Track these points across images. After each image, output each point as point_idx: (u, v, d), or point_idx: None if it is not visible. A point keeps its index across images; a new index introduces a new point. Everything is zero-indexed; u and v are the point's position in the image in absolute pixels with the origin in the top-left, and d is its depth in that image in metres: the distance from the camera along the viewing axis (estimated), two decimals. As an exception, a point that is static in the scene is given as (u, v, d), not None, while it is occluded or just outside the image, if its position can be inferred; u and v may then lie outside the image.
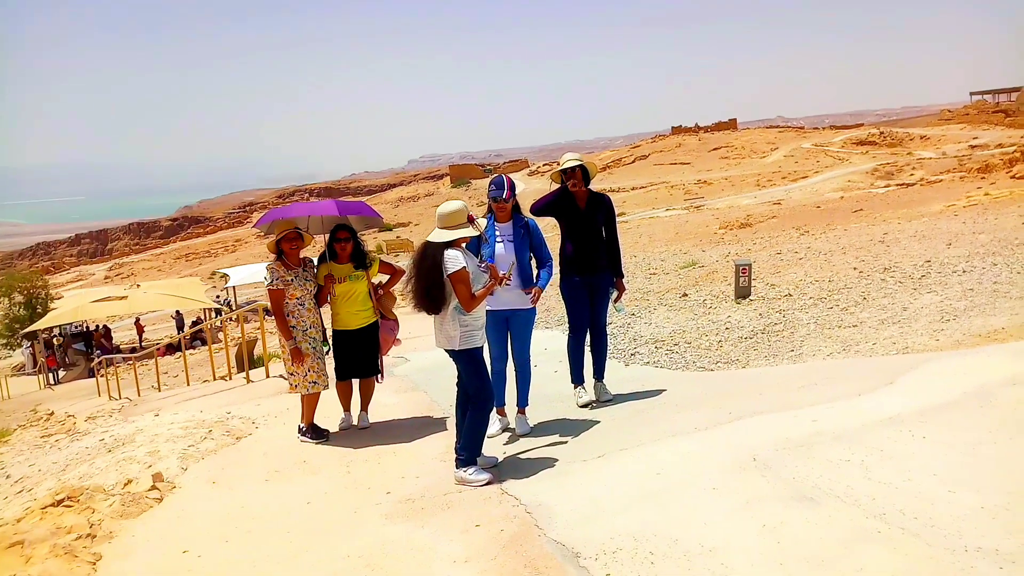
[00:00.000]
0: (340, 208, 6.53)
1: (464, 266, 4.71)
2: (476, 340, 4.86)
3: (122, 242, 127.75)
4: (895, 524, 3.32)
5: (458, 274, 4.70)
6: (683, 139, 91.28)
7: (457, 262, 4.71)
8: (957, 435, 4.18)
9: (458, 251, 4.79)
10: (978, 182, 31.59)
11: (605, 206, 6.00)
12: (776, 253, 13.71)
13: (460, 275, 4.70)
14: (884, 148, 68.37)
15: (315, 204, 6.68)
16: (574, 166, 5.84)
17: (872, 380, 5.38)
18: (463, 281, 4.70)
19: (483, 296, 4.82)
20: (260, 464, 5.83)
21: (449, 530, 4.07)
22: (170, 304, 32.38)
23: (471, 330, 4.83)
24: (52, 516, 4.99)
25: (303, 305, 6.15)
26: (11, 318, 36.93)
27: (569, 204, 5.91)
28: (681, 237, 27.27)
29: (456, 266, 4.70)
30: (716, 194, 53.82)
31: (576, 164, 5.85)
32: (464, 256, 4.79)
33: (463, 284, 4.70)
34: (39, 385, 26.30)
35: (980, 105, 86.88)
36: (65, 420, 12.01)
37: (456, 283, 4.71)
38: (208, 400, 9.64)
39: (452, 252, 4.77)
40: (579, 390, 6.15)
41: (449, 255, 4.75)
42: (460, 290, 4.72)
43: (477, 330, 4.87)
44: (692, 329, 8.62)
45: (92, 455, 7.11)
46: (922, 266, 9.78)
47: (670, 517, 3.72)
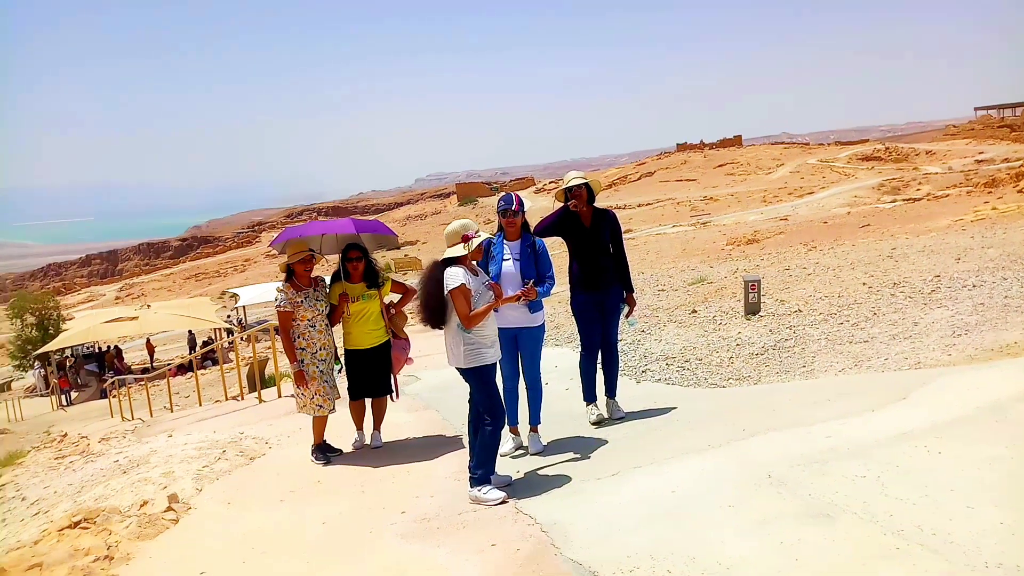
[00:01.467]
0: (357, 226, 6.53)
1: (462, 283, 4.79)
2: (484, 358, 4.87)
3: (132, 262, 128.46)
4: (913, 540, 3.32)
5: (456, 291, 4.79)
6: (688, 156, 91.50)
7: (455, 279, 4.81)
8: (973, 450, 4.18)
9: (459, 268, 4.86)
10: (985, 196, 31.52)
11: (610, 222, 6.01)
12: (784, 269, 13.70)
13: (457, 292, 4.79)
14: (890, 163, 68.41)
15: (332, 222, 6.67)
16: (578, 184, 5.87)
17: (885, 395, 5.38)
18: (460, 298, 4.78)
19: (483, 314, 4.82)
20: (274, 484, 5.85)
21: (465, 550, 4.08)
22: (181, 324, 32.49)
23: (476, 348, 4.85)
24: (69, 538, 5.02)
25: (314, 327, 6.15)
26: (23, 339, 37.16)
27: (574, 223, 5.93)
28: (688, 253, 27.26)
29: (454, 283, 4.80)
30: (722, 210, 53.85)
31: (580, 182, 5.88)
32: (466, 274, 4.84)
33: (460, 301, 4.78)
34: (52, 406, 26.40)
35: (985, 120, 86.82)
36: (79, 441, 12.04)
37: (455, 299, 4.80)
38: (221, 420, 9.66)
39: (452, 269, 4.87)
40: (591, 408, 6.16)
41: (448, 272, 4.86)
42: (458, 307, 4.80)
43: (486, 348, 4.88)
44: (703, 346, 8.62)
45: (107, 476, 7.13)
46: (932, 281, 9.77)
47: (686, 535, 3.72)
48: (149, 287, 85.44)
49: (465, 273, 4.86)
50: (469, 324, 4.81)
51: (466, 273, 4.87)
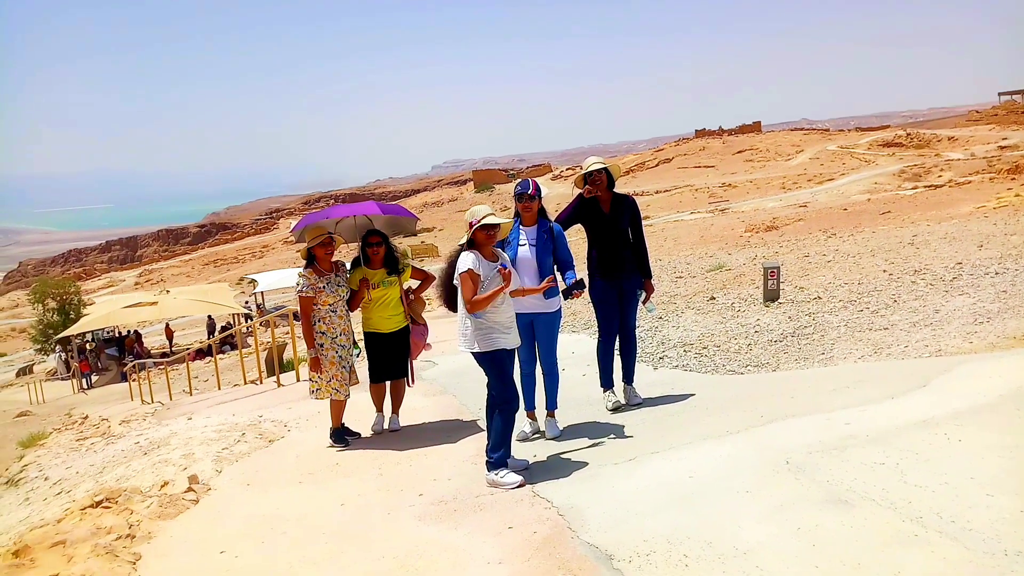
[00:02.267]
0: (383, 208, 6.60)
1: (470, 268, 4.82)
2: (496, 343, 4.88)
3: (151, 248, 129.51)
4: (932, 527, 3.30)
5: (463, 275, 4.84)
6: (707, 142, 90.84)
7: (464, 264, 4.85)
8: (994, 438, 4.14)
9: (470, 254, 4.89)
10: (1008, 183, 31.12)
11: (630, 208, 5.98)
12: (804, 256, 13.61)
13: (465, 276, 4.83)
14: (911, 150, 67.60)
15: (356, 205, 6.69)
16: (597, 169, 5.84)
17: (905, 383, 5.34)
18: (466, 282, 4.82)
19: (485, 300, 4.80)
20: (293, 467, 5.91)
21: (482, 532, 4.10)
22: (200, 309, 32.80)
23: (486, 332, 4.86)
24: (92, 517, 5.09)
25: (335, 312, 6.17)
26: (45, 324, 37.61)
27: (593, 209, 5.90)
28: (707, 240, 27.13)
29: (462, 267, 4.85)
30: (741, 197, 53.48)
31: (599, 167, 5.85)
32: (476, 260, 4.86)
33: (466, 285, 4.82)
34: (72, 390, 26.75)
35: (1009, 106, 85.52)
36: (100, 424, 12.21)
37: (462, 284, 4.85)
38: (240, 404, 9.76)
39: (464, 254, 4.91)
40: (608, 394, 6.16)
41: (461, 257, 4.91)
42: (463, 291, 4.85)
43: (498, 334, 4.88)
44: (721, 332, 8.59)
45: (128, 458, 7.24)
46: (953, 268, 9.67)
47: (703, 520, 3.72)
48: (168, 273, 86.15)
49: (476, 259, 4.87)
50: (471, 309, 4.84)
51: (477, 259, 4.87)
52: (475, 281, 4.82)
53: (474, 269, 4.83)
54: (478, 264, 4.86)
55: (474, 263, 4.85)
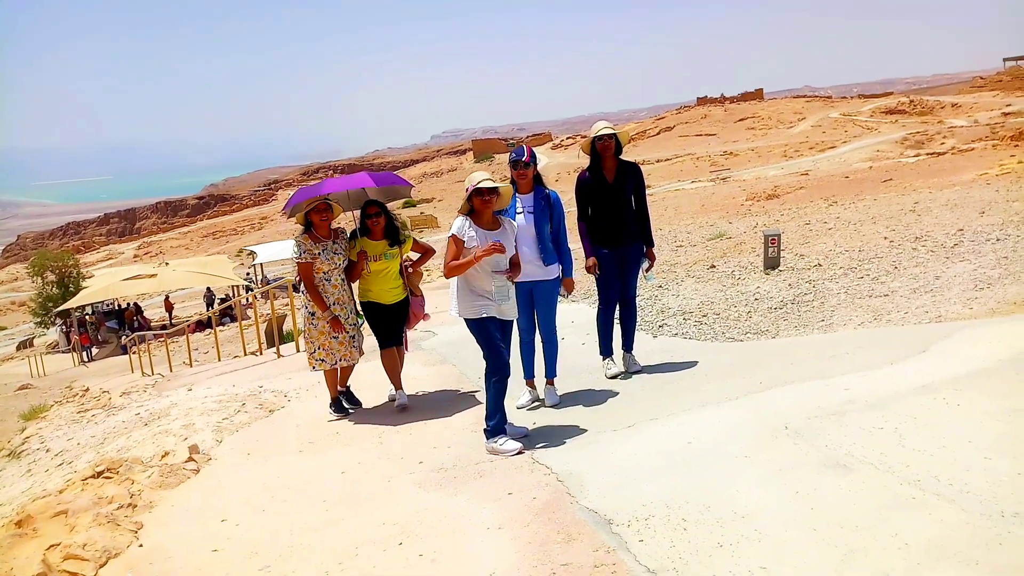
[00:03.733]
0: (375, 179, 6.50)
1: (454, 233, 4.87)
2: (482, 310, 4.86)
3: (150, 221, 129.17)
4: (930, 491, 3.31)
5: (449, 239, 4.91)
6: (708, 110, 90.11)
7: (453, 228, 4.92)
8: (992, 402, 4.14)
9: (461, 218, 4.92)
10: (1012, 150, 30.92)
11: (634, 176, 5.91)
12: (804, 223, 13.55)
13: (449, 240, 4.90)
14: (914, 117, 67.07)
15: (347, 178, 6.57)
16: (608, 134, 5.75)
17: (905, 348, 5.33)
18: (449, 247, 4.87)
19: (458, 267, 4.81)
20: (293, 436, 5.92)
21: (482, 498, 4.12)
22: (199, 282, 32.79)
23: (472, 299, 4.88)
24: (93, 487, 5.12)
25: (329, 280, 6.07)
26: (44, 297, 37.68)
27: (597, 177, 5.84)
28: (707, 209, 27.04)
29: (451, 231, 4.91)
30: (742, 165, 53.17)
31: (608, 132, 5.76)
32: (463, 226, 4.88)
33: (449, 250, 4.87)
34: (73, 362, 26.84)
35: (1014, 71, 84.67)
36: (100, 396, 12.25)
37: (447, 248, 4.90)
38: (240, 375, 9.78)
39: (457, 219, 4.95)
40: (608, 362, 6.16)
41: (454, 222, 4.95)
42: (446, 255, 4.91)
43: (484, 301, 4.87)
44: (720, 300, 8.57)
45: (129, 429, 7.26)
46: (954, 235, 9.62)
47: (702, 485, 3.73)
48: (167, 245, 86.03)
49: (464, 224, 4.88)
50: (446, 274, 4.92)
51: (465, 224, 4.88)
52: (458, 246, 4.84)
53: (458, 234, 4.85)
54: (464, 229, 4.86)
55: (459, 228, 4.87)
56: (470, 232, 4.86)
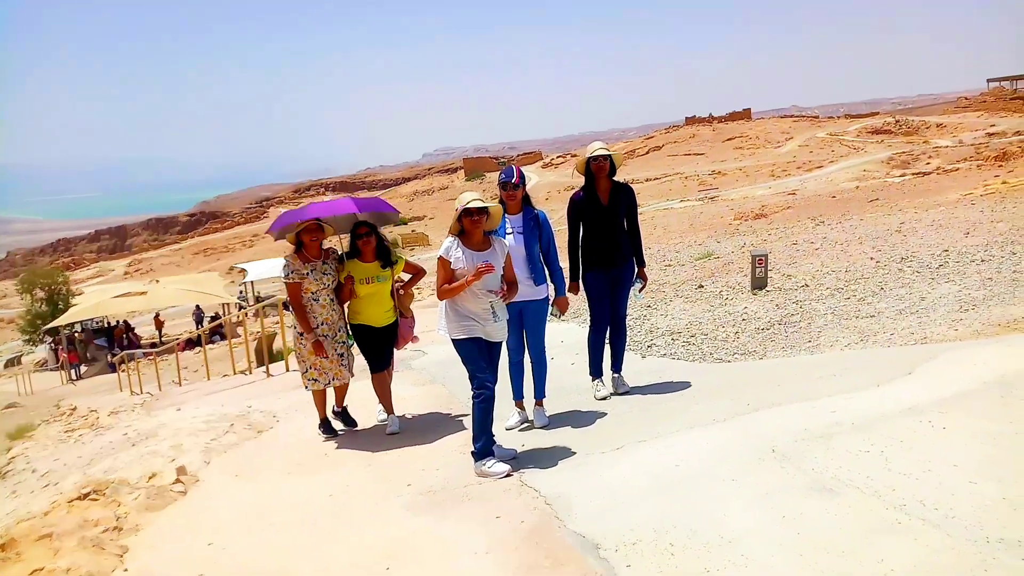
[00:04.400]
0: (358, 204, 6.35)
1: (440, 255, 4.90)
2: (468, 331, 4.87)
3: (141, 238, 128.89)
4: (916, 515, 3.33)
5: (438, 261, 4.91)
6: (697, 130, 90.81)
7: (440, 250, 4.94)
8: (977, 425, 4.17)
9: (450, 239, 4.93)
10: (996, 170, 31.27)
11: (627, 197, 5.94)
12: (792, 243, 13.65)
13: (438, 262, 4.91)
14: (900, 137, 67.76)
15: (331, 203, 6.48)
16: (602, 155, 5.77)
17: (891, 370, 5.37)
18: (439, 269, 4.88)
19: (452, 291, 4.82)
20: (282, 457, 5.90)
21: (470, 522, 4.11)
22: (189, 299, 32.65)
23: (458, 320, 4.89)
24: (79, 509, 5.08)
25: (316, 300, 5.99)
26: (33, 314, 37.44)
27: (591, 198, 5.86)
28: (696, 228, 27.17)
29: (439, 252, 4.93)
30: (730, 185, 53.54)
31: (603, 153, 5.78)
32: (452, 247, 4.89)
33: (438, 272, 4.89)
34: (61, 381, 26.62)
35: (997, 92, 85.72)
36: (88, 415, 12.16)
37: (437, 269, 4.91)
38: (229, 394, 9.74)
39: (446, 240, 4.96)
40: (597, 383, 6.17)
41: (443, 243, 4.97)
42: (437, 277, 4.92)
43: (472, 321, 4.87)
44: (709, 320, 8.62)
45: (116, 449, 7.21)
46: (940, 255, 9.72)
47: (689, 508, 3.74)
48: (158, 262, 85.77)
49: (452, 245, 4.90)
50: (438, 296, 4.94)
51: (453, 245, 4.89)
52: (445, 268, 4.86)
53: (444, 256, 4.87)
54: (451, 250, 4.88)
55: (446, 249, 4.89)
56: (457, 253, 4.87)
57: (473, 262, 4.82)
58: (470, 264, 4.81)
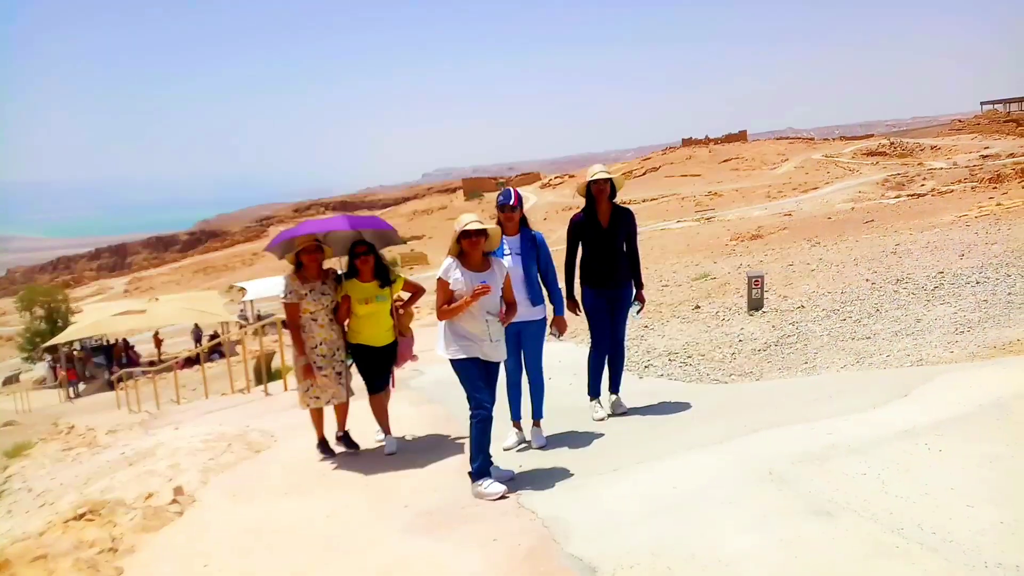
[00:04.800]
0: (351, 222, 6.26)
1: (439, 276, 4.93)
2: (467, 351, 4.88)
3: (141, 256, 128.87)
4: (913, 539, 3.33)
5: (437, 281, 4.94)
6: (693, 151, 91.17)
7: (440, 270, 4.97)
8: (974, 448, 4.19)
9: (449, 260, 4.96)
10: (990, 192, 31.39)
11: (627, 221, 5.99)
12: (788, 265, 13.69)
13: (437, 283, 4.94)
14: (894, 159, 68.04)
15: (326, 221, 6.46)
16: (604, 179, 5.82)
17: (887, 392, 5.38)
18: (438, 289, 4.91)
19: (451, 311, 4.84)
20: (279, 477, 5.89)
21: (467, 544, 4.10)
22: (189, 317, 32.61)
23: (455, 340, 4.90)
24: (74, 530, 5.06)
25: (315, 320, 5.98)
26: (32, 332, 37.35)
27: (591, 221, 5.91)
28: (692, 249, 27.24)
29: (438, 273, 4.95)
30: (727, 206, 53.69)
31: (604, 177, 5.83)
32: (450, 267, 4.92)
33: (438, 292, 4.92)
34: (59, 398, 26.54)
35: (991, 115, 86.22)
36: (86, 433, 12.12)
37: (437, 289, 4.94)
38: (227, 413, 9.72)
39: (445, 261, 4.99)
40: (595, 404, 6.18)
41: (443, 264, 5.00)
42: (436, 297, 4.95)
43: (469, 342, 4.89)
44: (705, 341, 8.63)
45: (113, 469, 7.18)
46: (935, 277, 9.75)
47: (687, 531, 3.74)
48: (157, 280, 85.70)
49: (451, 266, 4.93)
50: (438, 316, 4.96)
51: (452, 266, 4.93)
52: (444, 288, 4.89)
53: (443, 276, 4.91)
54: (450, 271, 4.91)
55: (445, 270, 4.93)
56: (456, 274, 4.90)
57: (472, 283, 4.84)
58: (469, 285, 4.84)
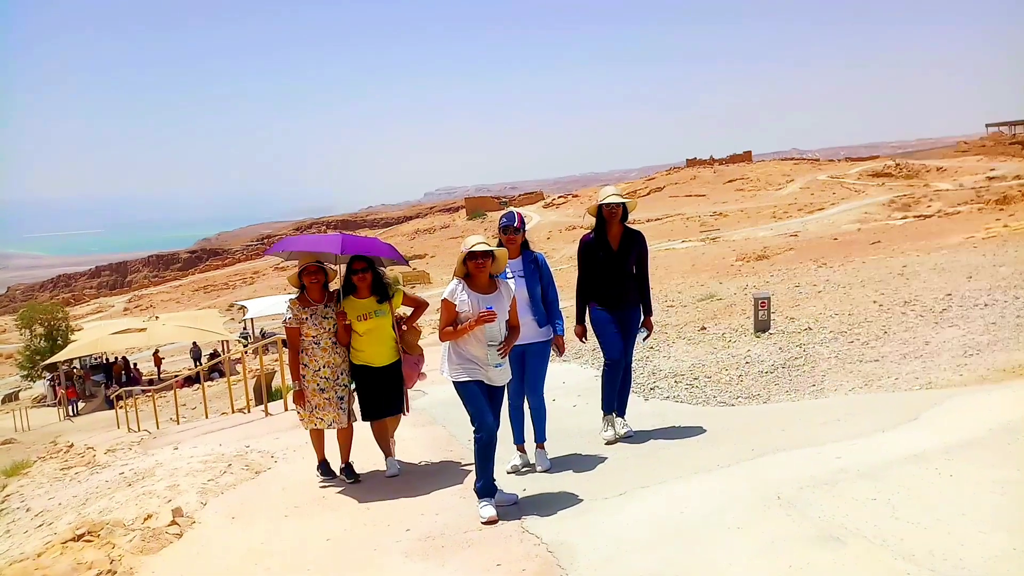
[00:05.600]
0: (344, 245, 5.99)
1: (445, 297, 4.90)
2: (470, 374, 4.83)
3: (141, 274, 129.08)
4: (925, 566, 3.26)
5: (442, 302, 4.91)
6: (698, 171, 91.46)
7: (446, 292, 4.93)
8: (985, 473, 4.12)
9: (455, 281, 4.92)
10: (997, 214, 31.40)
11: (638, 245, 5.93)
12: (795, 286, 13.63)
13: (442, 304, 4.91)
14: (900, 180, 68.17)
15: (321, 238, 6.33)
16: (616, 203, 5.75)
17: (896, 416, 5.32)
18: (442, 310, 4.90)
19: (454, 334, 4.80)
20: (279, 499, 5.82)
21: (470, 569, 4.04)
22: (189, 336, 32.59)
23: (459, 362, 4.86)
24: (72, 551, 5.00)
25: (318, 344, 5.87)
26: (32, 350, 37.33)
27: (601, 244, 5.84)
28: (698, 269, 27.19)
29: (444, 294, 4.93)
30: (732, 226, 53.73)
31: (617, 201, 5.75)
32: (456, 289, 4.87)
33: (442, 313, 4.90)
34: (58, 417, 26.46)
35: (996, 137, 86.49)
36: (85, 452, 12.05)
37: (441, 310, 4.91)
38: (227, 433, 9.65)
39: (451, 282, 4.96)
40: (607, 423, 6.01)
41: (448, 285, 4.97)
42: (440, 318, 4.93)
43: (473, 365, 4.83)
44: (712, 363, 8.57)
45: (112, 489, 7.13)
46: (943, 299, 9.70)
47: (694, 557, 3.67)
48: (158, 299, 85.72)
49: (456, 288, 4.88)
50: (440, 338, 4.93)
51: (458, 288, 4.88)
52: (449, 310, 4.86)
53: (449, 298, 4.87)
54: (456, 293, 4.87)
55: (451, 292, 4.88)
56: (462, 296, 4.86)
57: (478, 305, 4.80)
58: (475, 307, 4.80)
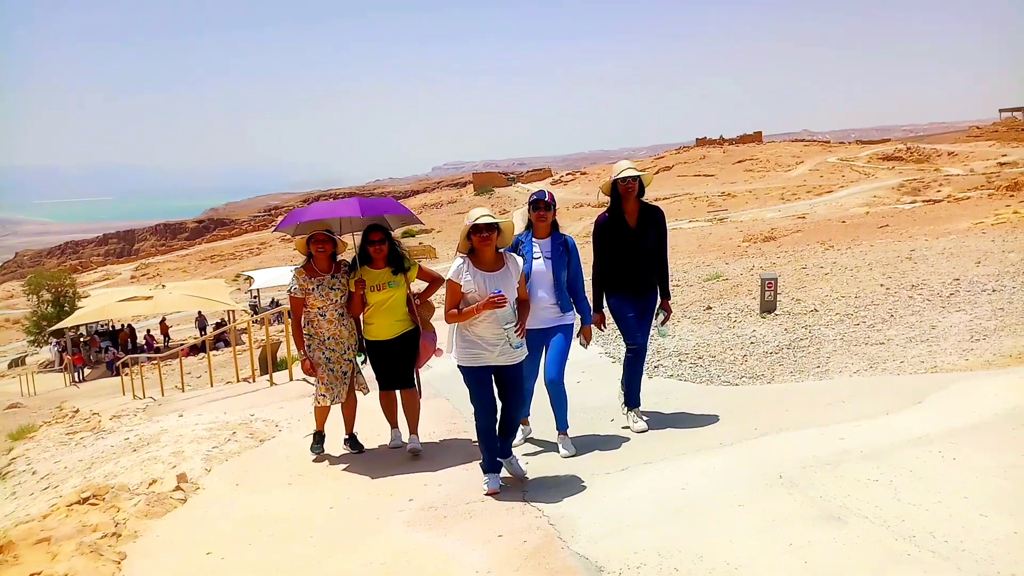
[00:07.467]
0: (362, 207, 5.82)
1: (449, 278, 4.67)
2: (477, 359, 4.65)
3: (148, 243, 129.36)
4: (926, 547, 3.27)
5: (447, 283, 4.72)
6: (707, 151, 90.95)
7: (450, 271, 4.69)
8: (989, 457, 4.12)
9: (459, 259, 4.68)
10: (1007, 200, 31.21)
11: (656, 221, 5.56)
12: (801, 267, 13.58)
13: (448, 284, 4.69)
14: (911, 164, 67.70)
15: (336, 204, 6.12)
16: (632, 176, 5.40)
17: (900, 399, 5.32)
18: (448, 291, 4.69)
19: (459, 317, 4.59)
20: (283, 467, 5.85)
21: (471, 539, 4.06)
22: (195, 305, 32.74)
23: (465, 345, 4.67)
24: (78, 514, 5.04)
25: (324, 315, 5.74)
26: (39, 316, 37.57)
27: (617, 221, 5.50)
28: (704, 249, 27.13)
29: (448, 274, 4.72)
30: (740, 207, 53.52)
31: (632, 175, 5.40)
32: (461, 267, 4.64)
33: (447, 294, 4.69)
34: (64, 382, 26.66)
35: (1009, 122, 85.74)
36: (90, 418, 12.14)
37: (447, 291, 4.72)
38: (232, 402, 9.70)
39: (455, 260, 4.72)
40: (633, 415, 5.76)
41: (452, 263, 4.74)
42: (446, 299, 4.72)
43: (481, 349, 4.63)
44: (716, 343, 8.56)
45: (117, 454, 7.18)
46: (950, 284, 9.65)
47: (695, 533, 3.69)
48: (164, 267, 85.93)
49: (461, 267, 4.64)
50: (446, 320, 4.71)
51: (463, 266, 4.64)
52: (454, 291, 4.63)
53: (454, 278, 4.62)
54: (461, 272, 4.63)
55: (456, 271, 4.64)
56: (467, 275, 4.63)
57: (485, 284, 4.59)
58: (481, 286, 4.58)
